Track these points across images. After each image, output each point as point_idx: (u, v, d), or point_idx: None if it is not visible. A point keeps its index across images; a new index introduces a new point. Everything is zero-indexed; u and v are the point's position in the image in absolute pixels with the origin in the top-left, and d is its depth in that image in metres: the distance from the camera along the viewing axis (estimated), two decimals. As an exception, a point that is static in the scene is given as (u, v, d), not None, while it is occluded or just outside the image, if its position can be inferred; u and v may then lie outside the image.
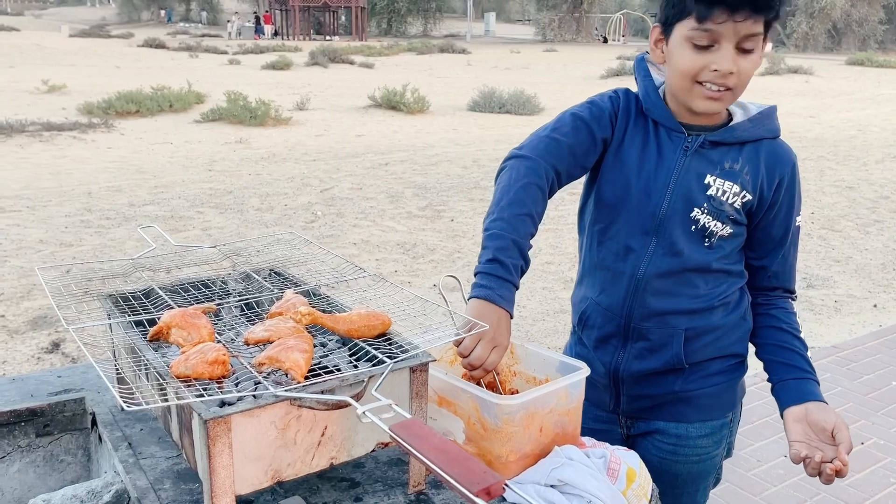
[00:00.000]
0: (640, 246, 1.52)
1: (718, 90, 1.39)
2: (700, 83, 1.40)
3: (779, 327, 1.56)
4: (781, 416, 1.50)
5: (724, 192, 1.47)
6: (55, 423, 1.53)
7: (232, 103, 12.22)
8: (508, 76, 20.80)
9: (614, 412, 1.65)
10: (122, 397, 0.97)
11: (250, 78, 19.13)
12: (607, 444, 1.37)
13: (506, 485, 0.81)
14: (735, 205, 1.48)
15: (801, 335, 1.56)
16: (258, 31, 42.02)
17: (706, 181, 1.48)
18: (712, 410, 1.61)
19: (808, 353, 1.55)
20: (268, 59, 23.70)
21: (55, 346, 4.35)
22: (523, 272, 1.41)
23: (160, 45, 30.04)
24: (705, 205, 1.47)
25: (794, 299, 1.61)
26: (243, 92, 12.88)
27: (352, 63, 24.77)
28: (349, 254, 5.94)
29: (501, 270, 1.36)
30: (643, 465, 1.34)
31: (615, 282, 1.56)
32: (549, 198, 1.50)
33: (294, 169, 9.06)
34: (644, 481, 1.31)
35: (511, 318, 1.35)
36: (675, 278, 1.52)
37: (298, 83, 18.29)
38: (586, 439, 1.41)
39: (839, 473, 1.36)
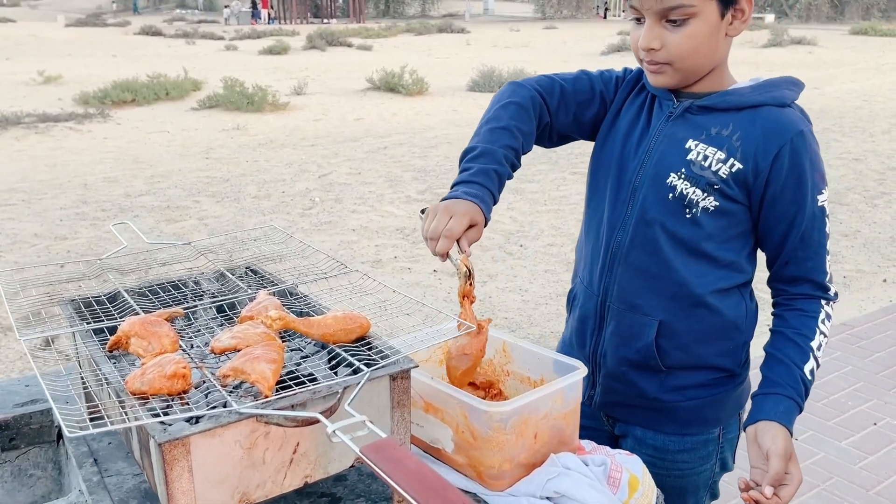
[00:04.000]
0: (615, 215, 1.44)
1: (651, 64, 1.35)
2: (641, 58, 1.37)
3: (782, 332, 1.39)
4: None
5: (706, 157, 1.34)
6: (21, 437, 1.44)
7: (229, 90, 12.06)
8: (508, 55, 20.54)
9: (591, 405, 1.55)
10: (64, 420, 0.87)
11: (247, 63, 18.94)
12: (607, 449, 1.28)
13: (487, 518, 0.71)
14: (720, 173, 1.33)
15: (813, 343, 1.36)
16: (255, 15, 41.67)
17: (687, 146, 1.36)
18: (690, 425, 1.48)
19: (809, 366, 1.35)
20: (265, 44, 23.45)
21: (48, 343, 4.27)
22: (500, 175, 1.36)
23: (156, 33, 29.75)
24: (683, 170, 1.36)
25: (828, 299, 1.39)
26: (240, 78, 12.73)
27: (350, 46, 24.49)
28: (348, 240, 5.85)
29: (466, 175, 1.35)
30: (647, 471, 1.24)
31: (594, 255, 1.49)
32: (542, 129, 1.47)
33: (292, 155, 8.95)
34: (648, 489, 1.21)
35: (479, 209, 1.29)
36: (651, 253, 1.40)
37: (296, 68, 18.10)
38: (586, 443, 1.31)
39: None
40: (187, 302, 1.37)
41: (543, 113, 1.46)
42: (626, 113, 1.47)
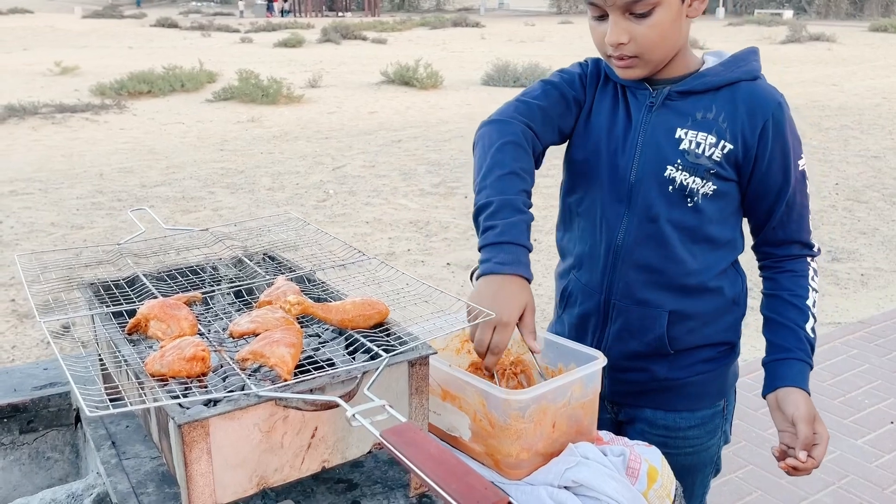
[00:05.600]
0: (614, 215, 1.42)
1: (620, 59, 1.34)
2: (609, 54, 1.35)
3: (778, 295, 1.43)
4: None
5: (699, 143, 1.35)
6: (39, 419, 1.45)
7: (244, 82, 12.10)
8: (523, 49, 20.48)
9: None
10: (85, 400, 0.87)
11: (262, 56, 18.97)
12: (626, 440, 1.27)
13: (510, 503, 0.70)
14: (714, 157, 1.34)
15: (809, 301, 1.41)
16: (270, 8, 41.70)
17: (677, 135, 1.36)
18: (701, 399, 1.50)
19: (810, 324, 1.40)
20: (280, 36, 23.48)
21: (65, 329, 4.30)
22: (527, 224, 1.31)
23: (172, 25, 29.86)
24: (679, 161, 1.35)
25: (813, 255, 1.45)
26: (255, 70, 12.76)
27: (364, 39, 24.51)
28: (361, 232, 5.85)
29: (495, 236, 1.27)
30: (665, 463, 1.23)
31: (593, 255, 1.47)
32: (535, 158, 1.43)
33: (306, 147, 8.96)
34: (667, 480, 1.20)
35: (524, 278, 1.24)
36: (657, 248, 1.40)
37: (311, 60, 18.12)
38: (604, 433, 1.30)
39: (796, 470, 1.27)
40: (205, 287, 1.37)
41: (536, 143, 1.43)
42: (598, 106, 1.46)
